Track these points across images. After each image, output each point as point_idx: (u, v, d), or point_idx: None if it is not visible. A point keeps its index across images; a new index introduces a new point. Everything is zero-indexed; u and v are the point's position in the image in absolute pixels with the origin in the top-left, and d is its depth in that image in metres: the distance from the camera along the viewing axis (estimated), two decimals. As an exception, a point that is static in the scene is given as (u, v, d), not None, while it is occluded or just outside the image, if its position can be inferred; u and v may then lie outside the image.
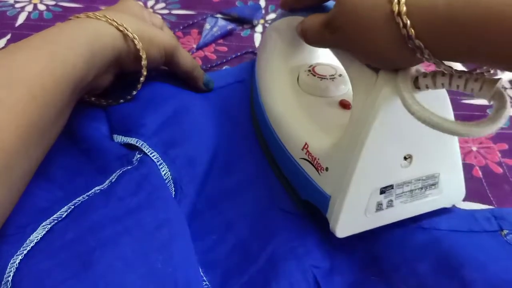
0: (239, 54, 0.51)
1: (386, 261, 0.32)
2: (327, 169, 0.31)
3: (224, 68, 0.50)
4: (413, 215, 0.33)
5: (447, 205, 0.34)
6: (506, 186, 0.39)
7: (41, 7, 0.59)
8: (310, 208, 0.34)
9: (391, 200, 0.31)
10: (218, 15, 0.58)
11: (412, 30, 0.22)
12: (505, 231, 0.34)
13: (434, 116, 0.23)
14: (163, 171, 0.34)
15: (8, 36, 0.53)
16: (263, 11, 0.60)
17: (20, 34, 0.54)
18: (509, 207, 0.37)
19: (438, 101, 0.28)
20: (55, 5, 0.59)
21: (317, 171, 0.32)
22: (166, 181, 0.34)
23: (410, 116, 0.24)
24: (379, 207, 0.31)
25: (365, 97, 0.28)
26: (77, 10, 0.59)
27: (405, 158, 0.30)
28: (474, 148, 0.42)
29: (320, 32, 0.29)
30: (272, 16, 0.59)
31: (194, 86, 0.44)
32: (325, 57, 0.42)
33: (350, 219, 0.30)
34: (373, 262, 0.32)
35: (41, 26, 0.55)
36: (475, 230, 0.34)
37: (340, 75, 0.38)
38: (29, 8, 0.58)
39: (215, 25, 0.55)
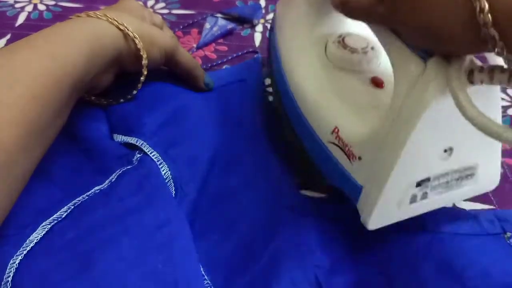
0: (239, 53, 0.51)
1: (389, 262, 0.32)
2: (360, 158, 0.29)
3: (224, 67, 0.50)
4: (446, 205, 0.31)
5: (481, 192, 0.33)
6: (507, 186, 0.39)
7: (41, 7, 0.59)
8: (335, 195, 0.32)
9: (426, 193, 0.29)
10: (218, 15, 0.58)
11: (490, 16, 0.20)
12: (509, 234, 0.34)
13: (493, 124, 0.21)
14: (163, 170, 0.34)
15: (8, 36, 0.53)
16: (263, 11, 0.60)
17: (20, 34, 0.54)
18: (510, 208, 0.37)
19: (488, 95, 0.26)
20: (55, 5, 0.59)
21: (349, 159, 0.30)
22: (167, 181, 0.34)
23: (456, 110, 0.22)
24: (413, 199, 0.29)
25: (410, 86, 0.26)
26: (77, 10, 0.59)
27: (445, 151, 0.28)
28: (475, 148, 0.42)
29: (371, 3, 0.25)
30: (272, 15, 0.59)
31: (195, 85, 0.44)
32: (354, 26, 0.37)
33: (383, 211, 0.29)
34: (375, 263, 0.32)
35: (41, 26, 0.54)
36: (478, 233, 0.33)
37: (372, 48, 0.35)
38: (29, 8, 0.58)
39: (215, 24, 0.55)
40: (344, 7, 0.28)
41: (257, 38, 0.55)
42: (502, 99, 0.48)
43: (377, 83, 0.33)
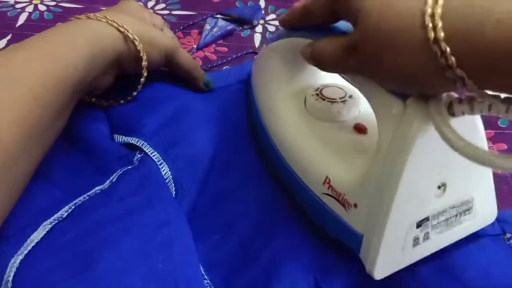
0: (239, 54, 0.52)
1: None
2: (355, 205, 0.29)
3: (224, 68, 0.50)
4: (450, 243, 0.31)
5: (480, 227, 0.32)
6: (505, 186, 0.39)
7: (42, 7, 0.59)
8: (343, 245, 0.32)
9: (428, 233, 0.29)
10: (218, 16, 0.58)
11: (453, 59, 0.20)
12: (508, 235, 0.34)
13: (482, 151, 0.21)
14: (163, 170, 0.34)
15: (9, 37, 0.53)
16: (263, 12, 0.60)
17: (20, 34, 0.54)
18: (509, 208, 0.37)
19: (470, 123, 0.26)
20: (56, 6, 0.59)
21: (344, 208, 0.30)
22: (167, 181, 0.34)
23: (443, 144, 0.23)
24: (416, 241, 0.29)
25: (394, 127, 0.26)
26: (78, 11, 0.59)
27: (439, 187, 0.28)
28: (474, 149, 0.42)
29: (340, 56, 0.26)
30: (272, 16, 0.60)
31: (195, 86, 0.44)
32: (328, 77, 0.38)
33: (387, 258, 0.28)
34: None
35: (42, 27, 0.55)
36: (477, 234, 0.34)
37: (350, 97, 0.35)
38: (30, 8, 0.58)
39: (215, 25, 0.55)
40: (315, 61, 0.28)
41: (257, 39, 0.55)
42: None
43: (360, 129, 0.34)
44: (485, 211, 0.32)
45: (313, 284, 0.31)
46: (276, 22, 0.59)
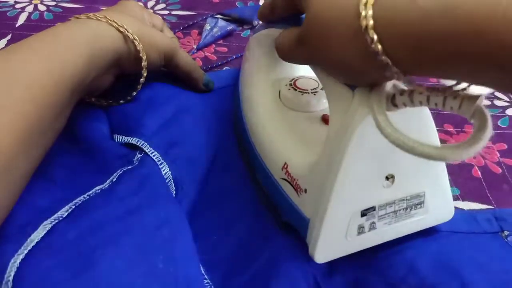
0: (239, 55, 0.52)
1: (386, 261, 0.32)
2: (306, 190, 0.30)
3: (224, 69, 0.50)
4: (398, 237, 0.31)
5: (435, 224, 0.33)
6: (505, 186, 0.39)
7: (42, 7, 0.59)
8: (291, 231, 0.33)
9: (374, 223, 0.29)
10: (218, 16, 0.58)
11: (379, 46, 0.20)
12: (506, 232, 0.34)
13: (409, 139, 0.21)
14: (163, 170, 0.34)
15: (9, 37, 0.53)
16: (263, 12, 0.60)
17: (20, 34, 0.54)
18: (509, 208, 0.37)
19: (419, 118, 0.27)
20: (56, 6, 0.59)
21: (297, 193, 0.31)
22: (167, 181, 0.34)
23: None
24: (360, 230, 0.29)
25: (342, 115, 0.26)
26: (78, 11, 0.59)
27: (387, 178, 0.28)
28: (474, 148, 0.42)
29: (292, 47, 0.28)
30: (272, 16, 0.60)
31: (194, 87, 0.44)
32: (307, 70, 0.38)
33: (330, 243, 0.29)
34: (373, 262, 0.32)
35: (42, 27, 0.55)
36: (475, 231, 0.34)
37: (322, 88, 0.36)
38: (30, 8, 0.58)
39: (215, 25, 0.55)
40: (278, 51, 0.30)
41: (257, 39, 0.55)
42: (501, 99, 0.48)
43: (326, 120, 0.35)
44: (439, 207, 0.32)
45: (312, 283, 0.31)
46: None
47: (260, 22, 0.58)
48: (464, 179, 0.39)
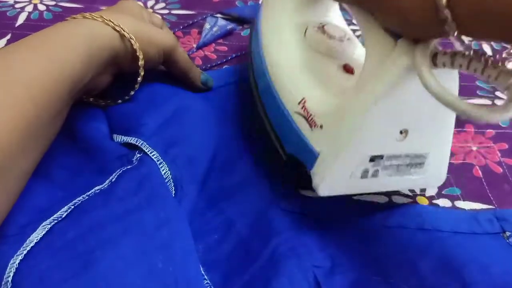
0: (239, 54, 0.51)
1: (387, 261, 0.32)
2: (321, 126, 0.31)
3: (224, 67, 0.50)
4: (394, 190, 0.33)
5: (426, 186, 0.34)
6: (506, 186, 0.39)
7: (41, 7, 0.59)
8: (291, 164, 0.34)
9: (377, 170, 0.31)
10: (218, 15, 0.58)
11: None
12: (508, 233, 0.34)
13: (450, 94, 0.23)
14: (163, 170, 0.34)
15: (8, 36, 0.53)
16: (263, 11, 0.60)
17: (20, 34, 0.54)
18: (510, 207, 0.37)
19: (448, 81, 0.27)
20: (55, 5, 0.59)
21: (310, 127, 0.32)
22: (166, 181, 0.34)
23: (418, 91, 0.24)
24: (364, 174, 0.31)
25: (379, 63, 0.27)
26: (77, 11, 0.59)
27: (401, 132, 0.29)
28: (474, 148, 0.42)
29: None
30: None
31: (192, 86, 0.44)
32: (336, 19, 0.40)
33: (335, 179, 0.31)
34: (374, 262, 0.32)
35: (41, 27, 0.54)
36: (477, 232, 0.34)
37: (348, 39, 0.37)
38: (29, 8, 0.58)
39: (215, 24, 0.55)
40: None
41: (257, 38, 0.55)
42: (502, 99, 0.48)
43: (347, 69, 0.36)
44: (435, 173, 0.33)
45: (313, 283, 0.30)
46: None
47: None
48: (465, 179, 0.39)
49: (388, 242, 0.33)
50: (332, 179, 0.30)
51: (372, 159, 0.30)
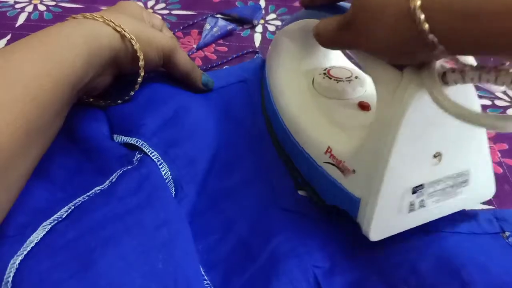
0: (239, 54, 0.52)
1: (387, 261, 0.32)
2: (354, 171, 0.31)
3: (224, 68, 0.50)
4: (447, 214, 0.32)
5: (479, 202, 0.34)
6: (506, 186, 0.39)
7: (41, 7, 0.59)
8: (336, 214, 0.33)
9: (423, 200, 0.30)
10: (218, 15, 0.58)
11: (426, 25, 0.22)
12: (507, 233, 0.34)
13: (468, 111, 0.23)
14: (163, 170, 0.34)
15: (8, 37, 0.53)
16: (263, 12, 0.60)
17: (20, 34, 0.54)
18: (510, 208, 0.37)
19: (465, 94, 0.27)
20: (55, 6, 0.59)
21: (343, 174, 0.32)
22: (167, 181, 0.34)
23: (437, 112, 0.24)
24: (411, 207, 0.30)
25: (391, 96, 0.27)
26: (78, 11, 0.59)
27: (434, 156, 0.29)
28: (474, 148, 0.42)
29: (336, 32, 0.29)
30: (272, 16, 0.60)
31: (192, 87, 0.44)
32: (338, 61, 0.41)
33: (383, 221, 0.30)
34: (373, 262, 0.32)
35: (41, 27, 0.54)
36: (476, 232, 0.34)
37: (356, 77, 0.38)
38: (29, 8, 0.58)
39: (215, 25, 0.55)
40: (317, 37, 0.31)
41: (257, 38, 0.55)
42: (502, 99, 0.48)
43: (363, 106, 0.36)
44: (482, 186, 0.33)
45: (312, 283, 0.30)
46: (276, 22, 0.59)
47: (260, 22, 0.58)
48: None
49: (388, 242, 0.33)
50: (379, 222, 0.30)
51: (414, 191, 0.29)
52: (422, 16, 0.22)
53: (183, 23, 0.57)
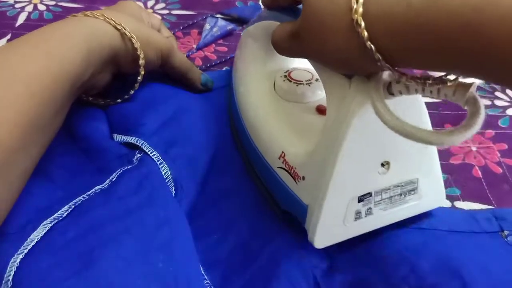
0: (239, 54, 0.52)
1: (386, 261, 0.32)
2: (303, 178, 0.30)
3: (224, 68, 0.50)
4: (393, 222, 0.32)
5: (427, 209, 0.33)
6: (506, 186, 0.39)
7: (41, 7, 0.59)
8: (290, 219, 0.33)
9: (370, 208, 0.30)
10: (218, 15, 0.58)
11: (366, 34, 0.21)
12: (506, 232, 0.34)
13: (407, 125, 0.22)
14: (163, 170, 0.34)
15: (8, 36, 0.53)
16: (263, 12, 0.60)
17: (20, 34, 0.53)
18: (509, 207, 0.37)
19: (413, 106, 0.27)
20: (55, 5, 0.59)
21: (294, 180, 0.31)
22: (167, 181, 0.34)
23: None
24: (357, 215, 0.30)
25: (339, 104, 0.27)
26: (78, 10, 0.59)
27: (382, 165, 0.29)
28: (474, 148, 0.42)
29: (287, 41, 0.28)
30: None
31: (191, 87, 0.44)
32: (302, 62, 0.40)
33: (328, 229, 0.30)
34: (373, 262, 0.32)
35: (41, 26, 0.55)
36: (475, 231, 0.34)
37: (316, 80, 0.37)
38: (29, 8, 0.58)
39: (215, 25, 0.55)
40: (274, 46, 0.30)
41: (257, 38, 0.55)
42: (501, 99, 0.48)
43: (321, 110, 0.35)
44: (431, 194, 0.33)
45: (312, 283, 0.30)
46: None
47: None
48: (465, 179, 0.39)
49: (387, 242, 0.33)
50: (324, 230, 0.29)
51: (361, 199, 0.29)
52: (365, 32, 0.21)
53: (183, 23, 0.57)
